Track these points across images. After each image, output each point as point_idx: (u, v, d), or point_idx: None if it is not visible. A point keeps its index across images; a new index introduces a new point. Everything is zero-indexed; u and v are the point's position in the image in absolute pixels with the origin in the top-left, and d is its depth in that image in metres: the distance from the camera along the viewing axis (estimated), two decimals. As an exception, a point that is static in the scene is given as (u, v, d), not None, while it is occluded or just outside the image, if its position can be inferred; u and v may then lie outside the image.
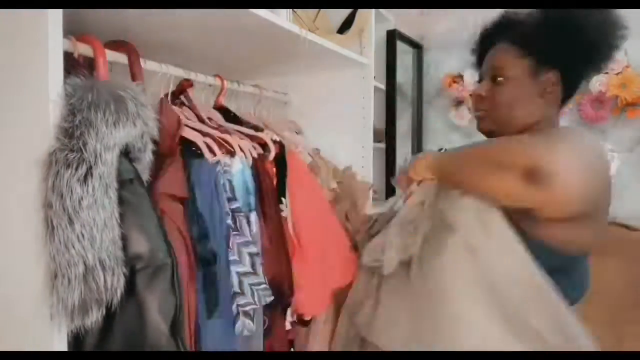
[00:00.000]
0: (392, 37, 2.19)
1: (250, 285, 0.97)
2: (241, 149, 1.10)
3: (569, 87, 0.98)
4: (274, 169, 1.22)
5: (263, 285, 0.99)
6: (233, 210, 1.00)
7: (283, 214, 1.19)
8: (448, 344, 0.89)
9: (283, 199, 1.20)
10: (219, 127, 1.16)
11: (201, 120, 1.15)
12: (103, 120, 0.71)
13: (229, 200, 1.00)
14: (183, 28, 1.09)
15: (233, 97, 1.42)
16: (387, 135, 2.22)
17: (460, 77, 2.19)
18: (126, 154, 0.78)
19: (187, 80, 1.16)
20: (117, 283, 0.71)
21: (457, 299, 0.89)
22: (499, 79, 0.98)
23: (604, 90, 1.90)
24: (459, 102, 2.22)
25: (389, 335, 0.98)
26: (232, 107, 1.38)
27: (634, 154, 1.99)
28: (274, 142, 1.23)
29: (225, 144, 1.08)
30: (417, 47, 2.41)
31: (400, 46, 2.24)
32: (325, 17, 1.48)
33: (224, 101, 1.33)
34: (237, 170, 1.07)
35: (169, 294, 0.77)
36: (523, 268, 0.86)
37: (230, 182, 1.02)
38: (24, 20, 0.70)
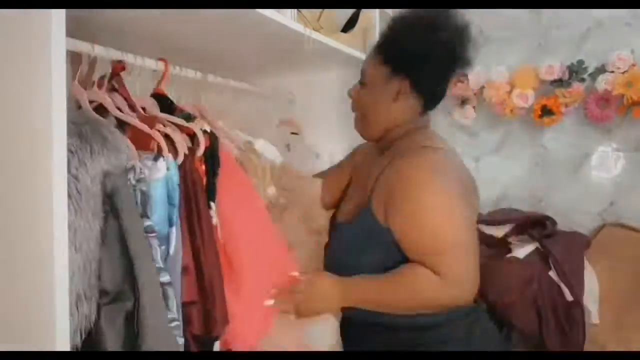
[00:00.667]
0: (396, 35, 2.17)
1: None
2: (172, 146, 0.93)
3: (427, 94, 1.06)
4: (203, 167, 1.03)
5: (175, 323, 0.84)
6: (144, 230, 0.83)
7: (213, 220, 0.99)
8: None
9: (212, 203, 1.01)
10: (148, 119, 0.98)
11: (132, 108, 1.00)
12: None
13: (140, 216, 0.83)
14: (189, 28, 1.08)
15: (233, 96, 1.42)
16: (391, 134, 2.21)
17: (465, 76, 2.17)
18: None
19: (120, 62, 1.01)
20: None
21: None
22: (362, 83, 1.09)
23: (609, 89, 1.88)
24: (463, 101, 2.20)
25: None
26: (236, 106, 1.37)
27: (640, 154, 1.97)
28: (204, 132, 1.03)
29: (153, 141, 0.92)
30: (421, 45, 2.39)
31: (405, 45, 2.22)
32: (329, 16, 1.48)
33: (164, 87, 1.14)
34: (160, 177, 0.87)
35: (129, 329, 0.77)
36: None
37: (143, 193, 0.83)
38: (27, 21, 0.69)
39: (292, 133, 1.59)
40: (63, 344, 0.69)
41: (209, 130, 1.06)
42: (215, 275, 0.94)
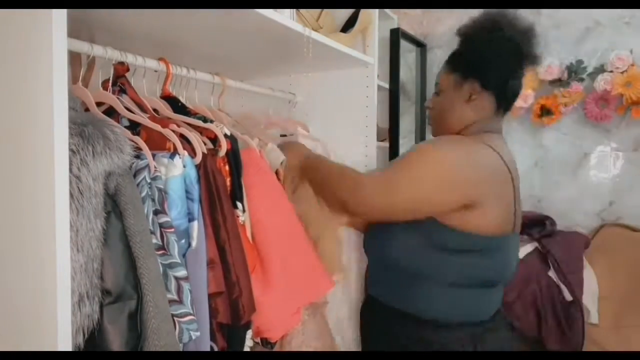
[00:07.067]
0: (396, 35, 2.17)
1: (174, 316, 0.83)
2: (189, 145, 0.95)
3: (499, 95, 1.10)
4: (227, 168, 1.06)
5: (189, 317, 0.84)
6: (160, 225, 0.85)
7: (240, 219, 1.03)
8: None
9: (238, 202, 1.04)
10: (161, 120, 1.01)
11: (143, 109, 1.02)
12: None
13: (156, 213, 0.85)
14: (189, 28, 1.08)
15: (235, 95, 1.42)
16: (390, 134, 2.21)
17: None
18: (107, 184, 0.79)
19: (122, 63, 1.01)
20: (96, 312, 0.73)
21: None
22: (437, 93, 1.19)
23: (609, 89, 1.89)
24: (462, 101, 2.22)
25: None
26: (236, 104, 1.37)
27: (639, 153, 1.97)
28: (226, 136, 1.05)
29: (168, 141, 0.94)
30: (420, 45, 2.40)
31: (404, 45, 2.23)
32: (329, 15, 1.48)
33: (170, 88, 1.16)
34: (177, 174, 0.90)
35: (132, 329, 0.77)
36: None
37: (160, 190, 0.86)
38: (28, 20, 0.69)
39: (282, 135, 1.57)
40: (65, 344, 0.69)
41: (229, 134, 1.06)
42: (241, 269, 0.97)
